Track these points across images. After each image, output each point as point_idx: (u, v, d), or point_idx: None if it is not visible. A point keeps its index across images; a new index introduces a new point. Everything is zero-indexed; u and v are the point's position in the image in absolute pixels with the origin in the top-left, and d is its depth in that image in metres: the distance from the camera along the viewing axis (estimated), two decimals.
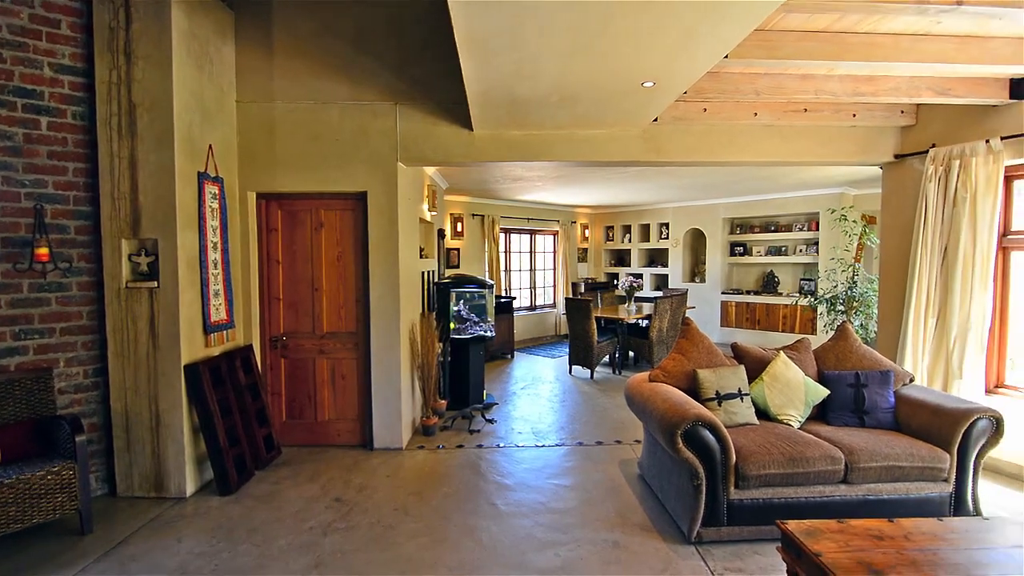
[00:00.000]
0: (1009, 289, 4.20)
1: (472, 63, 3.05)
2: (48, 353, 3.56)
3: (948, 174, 4.20)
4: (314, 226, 4.67)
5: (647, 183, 7.92)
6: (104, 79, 3.61)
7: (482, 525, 3.39)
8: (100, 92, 3.61)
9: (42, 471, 3.05)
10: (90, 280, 3.71)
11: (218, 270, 4.12)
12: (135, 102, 3.63)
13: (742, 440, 3.19)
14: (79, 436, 3.21)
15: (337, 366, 4.73)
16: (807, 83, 3.83)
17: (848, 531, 2.16)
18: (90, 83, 3.63)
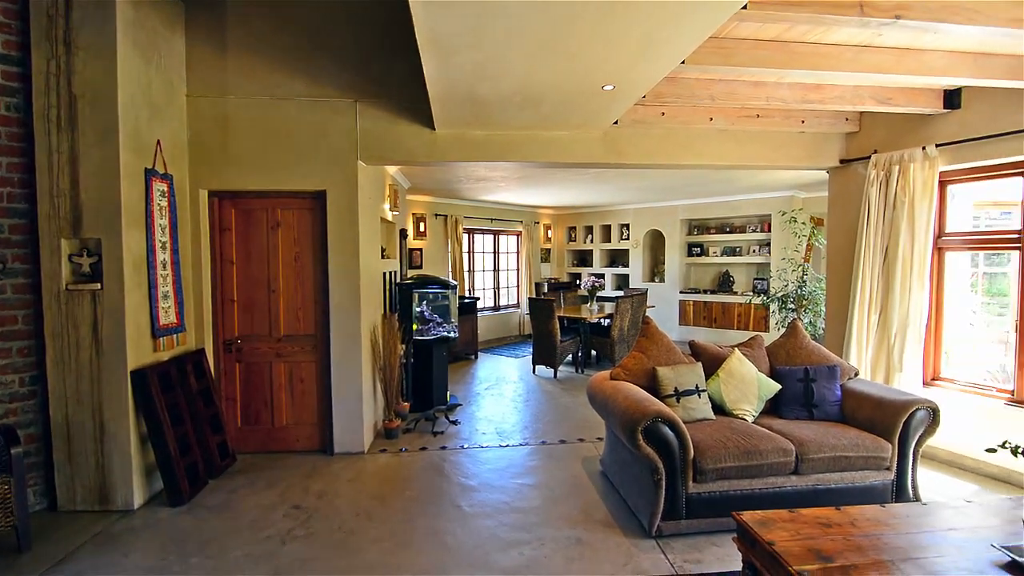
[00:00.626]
0: (943, 287, 4.47)
1: (433, 62, 3.03)
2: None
3: (888, 179, 4.43)
4: (270, 225, 4.53)
5: (608, 185, 8.05)
6: (41, 70, 3.40)
7: (446, 527, 3.37)
8: (37, 83, 3.41)
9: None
10: (26, 282, 3.50)
11: (167, 271, 3.95)
12: (76, 94, 3.44)
13: (699, 435, 3.28)
14: (15, 448, 3.02)
15: (295, 369, 4.60)
16: (759, 90, 3.97)
17: (799, 520, 2.25)
18: (26, 73, 3.42)
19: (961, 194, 4.50)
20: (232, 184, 4.36)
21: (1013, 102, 3.76)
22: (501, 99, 3.70)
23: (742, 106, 4.36)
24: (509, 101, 3.74)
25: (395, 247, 6.60)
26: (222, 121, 4.32)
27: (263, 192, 4.46)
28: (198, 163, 4.30)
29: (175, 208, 4.05)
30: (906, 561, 1.95)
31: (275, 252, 4.53)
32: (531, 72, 3.20)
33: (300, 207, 4.54)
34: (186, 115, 4.26)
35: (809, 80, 3.85)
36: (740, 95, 3.97)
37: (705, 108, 4.47)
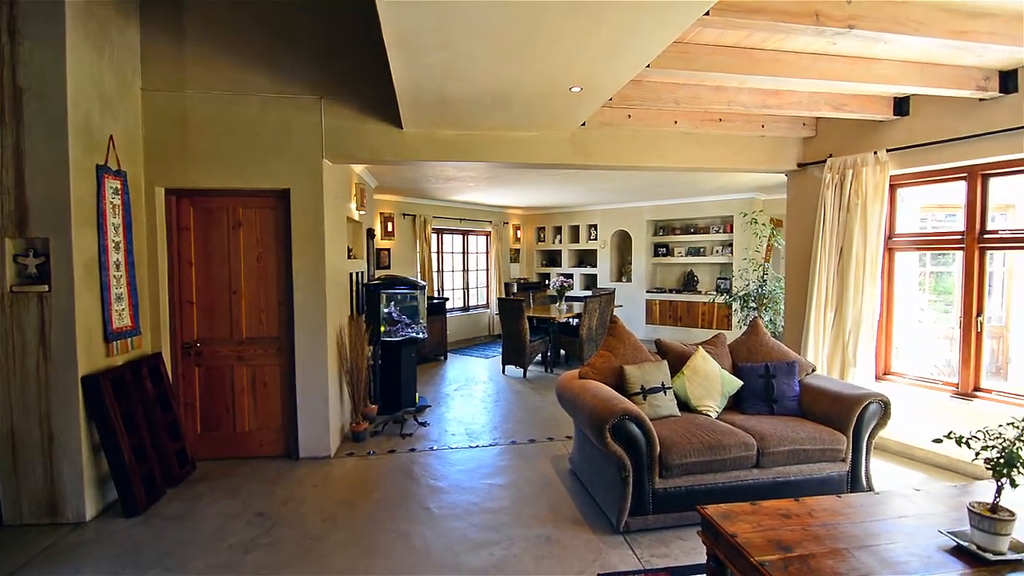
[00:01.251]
0: (894, 286, 4.68)
1: (401, 60, 3.00)
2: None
3: (843, 182, 4.62)
4: (231, 225, 4.40)
5: (577, 185, 8.12)
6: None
7: (415, 530, 3.34)
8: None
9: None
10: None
11: (121, 272, 3.79)
12: (21, 86, 3.26)
13: (665, 431, 3.35)
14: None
15: (258, 373, 4.48)
16: (721, 94, 4.08)
17: (760, 512, 2.32)
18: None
19: (910, 197, 4.72)
20: (191, 182, 4.22)
21: (957, 110, 3.97)
22: (470, 99, 3.69)
23: (705, 110, 4.47)
24: (478, 101, 3.73)
25: (362, 247, 6.50)
26: (180, 116, 4.17)
27: (223, 190, 4.33)
28: (154, 160, 4.15)
29: (129, 206, 3.89)
30: (860, 549, 2.03)
31: (236, 252, 4.41)
32: (499, 72, 3.20)
33: (263, 206, 4.42)
34: (141, 110, 4.10)
35: (768, 86, 3.97)
36: (703, 99, 4.07)
37: (670, 111, 4.56)
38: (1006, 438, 1.97)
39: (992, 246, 4.04)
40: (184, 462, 4.10)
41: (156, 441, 3.85)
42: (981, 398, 4.02)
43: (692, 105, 4.10)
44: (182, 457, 4.09)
